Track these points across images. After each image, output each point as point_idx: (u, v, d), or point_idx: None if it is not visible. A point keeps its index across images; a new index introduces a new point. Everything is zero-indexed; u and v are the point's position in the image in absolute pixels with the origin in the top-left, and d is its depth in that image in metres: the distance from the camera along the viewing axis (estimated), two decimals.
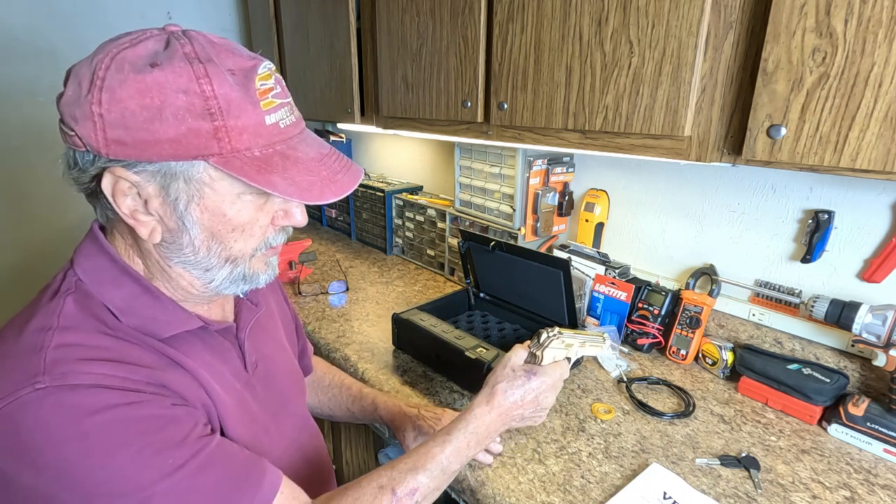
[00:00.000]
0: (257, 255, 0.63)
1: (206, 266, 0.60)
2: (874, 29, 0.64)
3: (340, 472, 1.40)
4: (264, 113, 0.55)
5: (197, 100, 0.51)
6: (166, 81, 0.51)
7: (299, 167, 0.57)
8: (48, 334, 0.53)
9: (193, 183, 0.55)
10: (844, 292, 1.02)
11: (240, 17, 2.27)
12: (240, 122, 0.53)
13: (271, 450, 0.71)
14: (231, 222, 0.58)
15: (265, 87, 0.56)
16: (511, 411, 0.73)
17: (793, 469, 0.87)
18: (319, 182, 0.57)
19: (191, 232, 0.57)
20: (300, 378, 0.86)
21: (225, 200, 0.57)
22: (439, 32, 1.21)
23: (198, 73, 0.52)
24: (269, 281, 0.67)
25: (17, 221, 1.89)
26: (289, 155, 0.57)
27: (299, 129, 0.60)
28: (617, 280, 1.27)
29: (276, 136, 0.56)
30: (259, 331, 0.76)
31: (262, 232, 0.61)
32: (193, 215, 0.56)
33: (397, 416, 0.91)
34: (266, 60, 0.59)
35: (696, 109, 0.82)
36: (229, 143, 0.53)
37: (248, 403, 0.69)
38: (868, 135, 0.66)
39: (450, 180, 1.77)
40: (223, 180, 0.55)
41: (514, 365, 0.76)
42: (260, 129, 0.55)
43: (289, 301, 0.95)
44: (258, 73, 0.56)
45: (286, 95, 0.59)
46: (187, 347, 0.62)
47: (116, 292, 0.59)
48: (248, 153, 0.55)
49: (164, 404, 0.55)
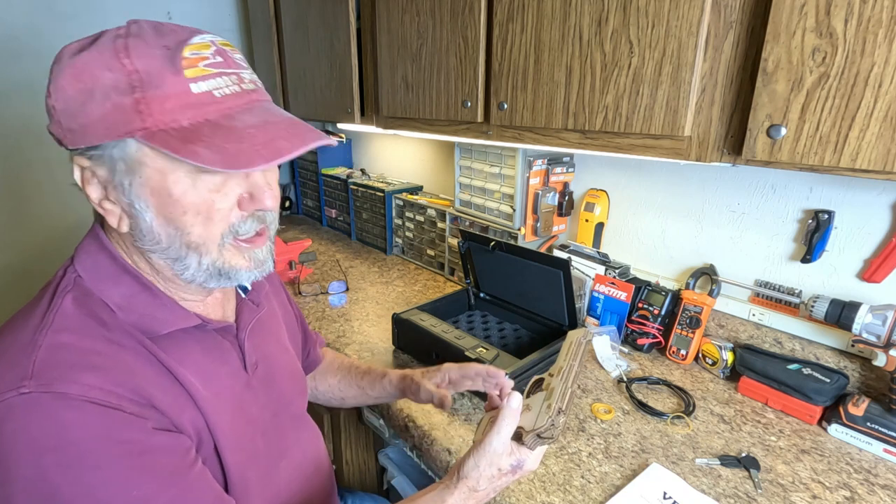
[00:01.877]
0: (227, 246, 0.59)
1: (174, 255, 0.58)
2: (874, 29, 0.64)
3: (340, 472, 1.40)
4: (189, 81, 0.52)
5: (120, 75, 0.51)
6: (91, 60, 0.51)
7: (231, 135, 0.52)
8: (41, 334, 0.53)
9: (132, 163, 0.53)
10: (844, 292, 1.02)
11: (240, 17, 2.27)
12: (160, 92, 0.51)
13: (269, 450, 0.71)
14: (181, 204, 0.55)
15: (196, 56, 0.53)
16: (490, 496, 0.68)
17: (793, 469, 0.87)
18: (250, 149, 0.52)
19: (145, 217, 0.55)
20: (301, 379, 0.86)
21: (168, 180, 0.54)
22: (439, 32, 1.21)
23: (117, 48, 0.51)
24: (255, 278, 0.63)
25: (17, 221, 1.89)
26: (221, 124, 0.53)
27: (246, 101, 0.56)
28: (617, 280, 1.27)
29: (209, 107, 0.53)
30: (261, 331, 0.76)
31: (224, 217, 0.57)
32: (142, 198, 0.55)
33: (405, 377, 0.91)
34: (210, 34, 0.56)
35: (696, 109, 0.82)
36: (151, 116, 0.51)
37: (245, 405, 0.68)
38: (868, 135, 0.66)
39: (450, 180, 1.77)
40: (160, 158, 0.53)
41: (500, 464, 0.65)
42: (186, 98, 0.52)
43: (293, 302, 0.95)
44: (190, 42, 0.53)
45: (231, 66, 0.56)
46: (182, 351, 0.61)
47: (115, 289, 0.59)
48: (175, 125, 0.52)
49: (146, 428, 0.53)
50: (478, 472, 0.64)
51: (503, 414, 0.65)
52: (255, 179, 0.59)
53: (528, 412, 0.66)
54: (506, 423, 0.65)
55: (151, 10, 2.00)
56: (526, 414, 0.66)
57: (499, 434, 0.64)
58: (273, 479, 0.72)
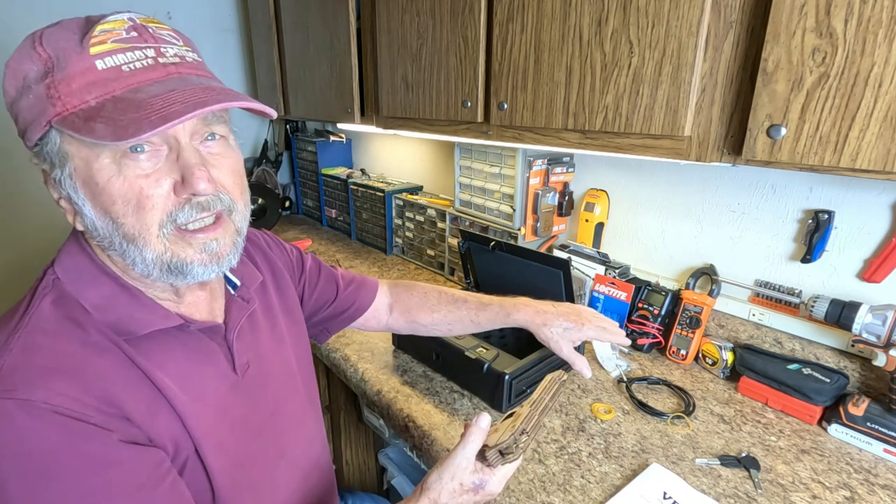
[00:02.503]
0: (170, 238, 0.55)
1: (118, 250, 0.55)
2: (874, 29, 0.64)
3: (340, 472, 1.40)
4: (93, 57, 0.50)
5: (38, 64, 0.50)
6: (17, 56, 0.51)
7: (132, 108, 0.49)
8: (14, 336, 0.52)
9: (60, 155, 0.52)
10: (844, 292, 1.02)
11: (240, 17, 2.27)
12: (66, 73, 0.49)
13: (266, 451, 0.70)
14: (108, 193, 0.52)
15: (106, 33, 0.51)
16: None
17: (793, 469, 0.87)
18: (145, 118, 0.48)
19: (85, 211, 0.54)
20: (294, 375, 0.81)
21: (93, 168, 0.52)
22: (439, 32, 1.21)
23: (34, 38, 0.51)
24: (214, 273, 0.59)
25: (15, 221, 1.89)
26: (125, 98, 0.50)
27: (163, 73, 0.53)
28: (617, 280, 1.27)
29: (115, 83, 0.50)
30: (252, 329, 0.73)
31: (158, 204, 0.54)
32: (78, 191, 0.53)
33: (537, 314, 0.89)
34: (132, 12, 0.54)
35: (696, 109, 0.82)
36: (60, 100, 0.49)
37: (232, 407, 0.66)
38: (868, 135, 0.66)
39: (450, 180, 1.77)
40: (83, 146, 0.51)
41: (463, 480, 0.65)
42: (91, 75, 0.50)
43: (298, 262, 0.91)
44: (103, 21, 0.52)
45: (148, 41, 0.53)
46: (162, 353, 0.60)
47: (94, 290, 0.58)
48: (83, 106, 0.50)
49: (110, 440, 0.51)
50: (440, 485, 0.64)
51: (470, 430, 0.66)
52: (186, 160, 0.54)
53: (496, 433, 0.68)
54: (472, 440, 0.65)
55: (151, 10, 2.00)
56: (493, 434, 0.68)
57: (464, 448, 0.65)
58: (272, 479, 0.71)
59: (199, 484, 0.62)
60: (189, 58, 0.56)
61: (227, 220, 0.60)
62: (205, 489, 0.62)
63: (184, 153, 0.55)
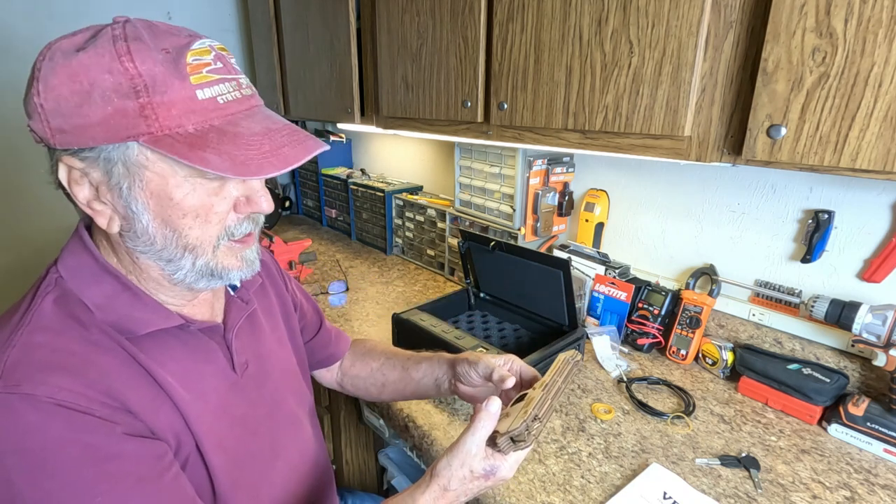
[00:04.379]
0: (222, 247, 0.60)
1: (167, 257, 0.58)
2: (874, 29, 0.63)
3: (340, 472, 1.40)
4: (195, 87, 0.53)
5: (122, 79, 0.51)
6: (90, 63, 0.51)
7: (238, 142, 0.54)
8: (17, 333, 0.53)
9: (132, 166, 0.53)
10: (844, 292, 1.02)
11: (240, 18, 2.27)
12: (166, 98, 0.51)
13: (263, 451, 0.71)
14: (181, 207, 0.55)
15: (199, 62, 0.54)
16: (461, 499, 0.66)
17: (793, 469, 0.87)
18: (259, 157, 0.54)
19: (142, 219, 0.56)
20: (296, 376, 0.84)
21: (169, 183, 0.54)
22: (439, 32, 1.21)
23: (119, 52, 0.51)
24: (245, 277, 0.64)
25: (16, 221, 1.89)
26: (227, 131, 0.54)
27: (247, 106, 0.57)
28: (617, 280, 1.27)
29: (213, 113, 0.54)
30: (252, 329, 0.75)
31: (221, 219, 0.58)
32: (140, 201, 0.55)
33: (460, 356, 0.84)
34: (206, 38, 0.57)
35: (696, 109, 0.82)
36: (157, 121, 0.51)
37: (231, 405, 0.67)
38: (868, 135, 0.66)
39: (450, 180, 1.77)
40: (161, 162, 0.53)
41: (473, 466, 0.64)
42: (191, 104, 0.52)
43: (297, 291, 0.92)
44: (191, 48, 0.54)
45: (231, 72, 0.57)
46: (163, 352, 0.61)
47: (96, 289, 0.59)
48: (180, 130, 0.52)
49: (114, 433, 0.53)
50: (450, 472, 0.63)
51: (480, 416, 0.64)
52: (252, 184, 0.60)
53: (507, 418, 0.66)
54: (482, 425, 0.64)
55: (151, 10, 2.01)
56: (504, 420, 0.66)
57: (473, 435, 0.64)
58: (268, 479, 0.71)
59: (199, 481, 0.62)
60: (253, 88, 0.60)
61: (255, 230, 0.64)
62: (205, 487, 0.63)
63: (251, 178, 0.59)
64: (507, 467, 0.64)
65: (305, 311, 0.93)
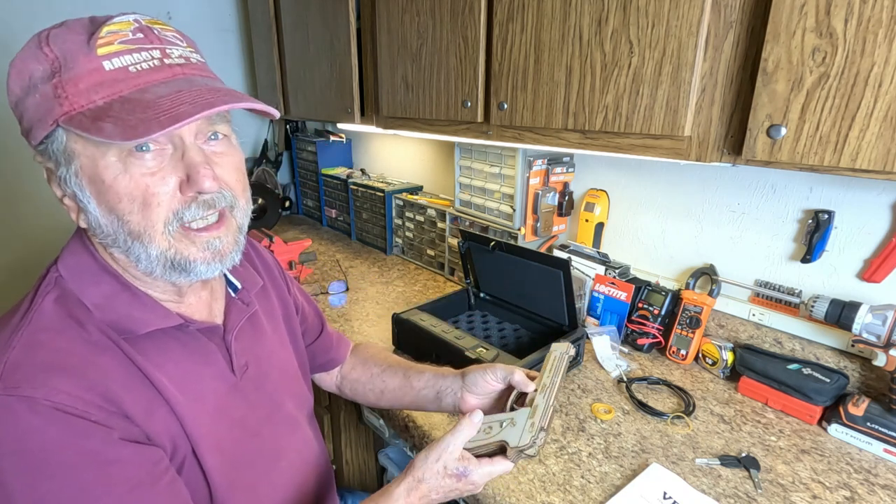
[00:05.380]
0: (175, 235, 0.56)
1: (122, 246, 0.56)
2: (874, 29, 0.64)
3: (340, 472, 1.40)
4: (101, 58, 0.51)
5: (45, 64, 0.51)
6: (25, 57, 0.52)
7: (140, 107, 0.50)
8: (17, 334, 0.53)
9: (66, 153, 0.53)
10: (844, 292, 1.02)
11: (240, 18, 2.27)
12: (73, 73, 0.50)
13: (263, 453, 0.71)
14: (115, 191, 0.53)
15: (112, 35, 0.52)
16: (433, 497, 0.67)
17: (793, 469, 0.87)
18: (154, 118, 0.49)
19: (90, 208, 0.55)
20: (297, 379, 0.83)
21: (98, 165, 0.53)
22: (439, 32, 1.21)
23: (41, 39, 0.52)
24: (216, 271, 0.60)
25: (16, 221, 1.89)
26: (132, 98, 0.51)
27: (169, 74, 0.54)
28: (617, 280, 1.27)
29: (122, 83, 0.51)
30: (252, 331, 0.74)
31: (164, 202, 0.55)
32: (83, 189, 0.54)
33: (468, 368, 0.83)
34: (138, 14, 0.55)
35: (696, 109, 0.82)
36: (68, 99, 0.50)
37: (230, 408, 0.67)
38: (868, 135, 0.66)
39: (450, 180, 1.77)
40: (89, 144, 0.52)
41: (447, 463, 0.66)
42: (98, 76, 0.51)
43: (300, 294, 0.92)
44: (110, 23, 0.52)
45: (153, 42, 0.54)
46: (161, 353, 0.60)
47: (95, 289, 0.58)
48: (91, 106, 0.51)
49: (110, 438, 0.52)
50: (425, 465, 0.66)
51: (464, 422, 0.68)
52: (191, 159, 0.55)
53: (513, 427, 0.68)
54: (462, 429, 0.67)
55: (151, 10, 2.00)
56: (510, 429, 0.68)
57: (453, 436, 0.67)
58: (267, 480, 0.71)
59: (196, 484, 0.62)
60: (193, 59, 0.58)
61: (229, 216, 0.61)
62: (202, 490, 0.63)
63: (189, 152, 0.56)
64: (480, 474, 0.66)
65: (307, 314, 0.92)
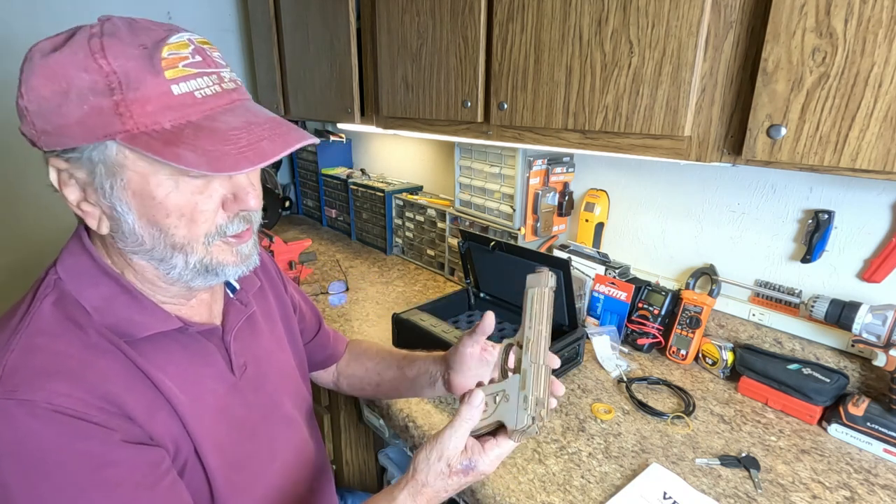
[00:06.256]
0: (214, 245, 0.59)
1: (159, 256, 0.57)
2: (874, 29, 0.63)
3: (340, 472, 1.40)
4: (169, 82, 0.51)
5: (98, 76, 0.50)
6: (66, 62, 0.50)
7: (215, 138, 0.52)
8: (16, 336, 0.53)
9: (113, 166, 0.53)
10: (844, 292, 1.02)
11: (240, 18, 2.27)
12: (139, 94, 0.50)
13: (260, 453, 0.71)
14: (164, 207, 0.54)
15: (175, 56, 0.52)
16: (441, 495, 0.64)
17: (793, 469, 0.87)
18: (235, 151, 0.52)
19: (127, 219, 0.55)
20: (294, 379, 0.83)
21: (150, 182, 0.53)
22: (439, 32, 1.21)
23: (94, 49, 0.50)
24: (242, 273, 0.63)
25: (16, 221, 1.89)
26: (204, 126, 0.52)
27: (228, 101, 0.56)
28: (617, 280, 1.27)
29: (190, 108, 0.52)
30: (250, 331, 0.74)
31: (209, 218, 0.57)
32: (123, 201, 0.54)
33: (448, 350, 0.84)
34: (186, 31, 0.55)
35: (696, 109, 0.82)
36: (132, 119, 0.50)
37: (230, 408, 0.67)
38: (868, 135, 0.66)
39: (450, 180, 1.77)
40: (141, 160, 0.52)
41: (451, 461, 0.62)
42: (167, 99, 0.51)
43: (297, 293, 0.92)
44: (168, 42, 0.53)
45: (211, 65, 0.55)
46: (162, 354, 0.60)
47: (94, 291, 0.58)
48: (157, 127, 0.51)
49: (111, 439, 0.52)
50: (427, 467, 0.61)
51: (462, 411, 0.62)
52: (238, 180, 0.58)
53: (507, 402, 0.62)
54: (464, 420, 0.62)
55: (151, 10, 2.01)
56: (504, 405, 0.62)
57: (454, 430, 0.61)
58: (266, 480, 0.71)
59: (198, 485, 0.62)
60: (238, 82, 0.59)
61: (253, 225, 0.63)
62: (204, 490, 0.63)
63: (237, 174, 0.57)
64: (488, 461, 0.62)
65: (304, 313, 0.93)
